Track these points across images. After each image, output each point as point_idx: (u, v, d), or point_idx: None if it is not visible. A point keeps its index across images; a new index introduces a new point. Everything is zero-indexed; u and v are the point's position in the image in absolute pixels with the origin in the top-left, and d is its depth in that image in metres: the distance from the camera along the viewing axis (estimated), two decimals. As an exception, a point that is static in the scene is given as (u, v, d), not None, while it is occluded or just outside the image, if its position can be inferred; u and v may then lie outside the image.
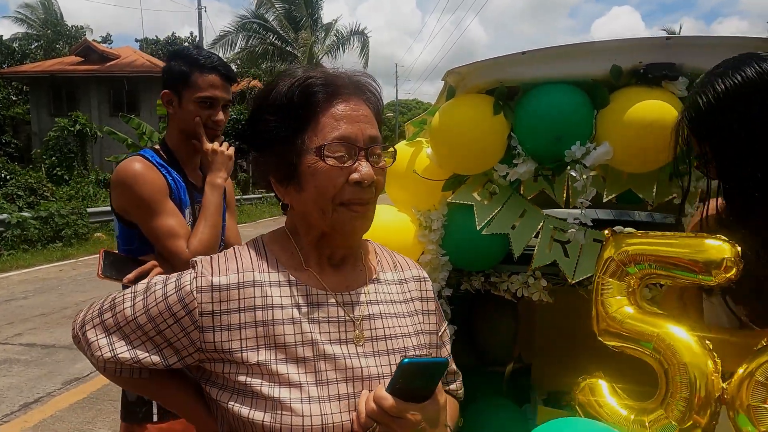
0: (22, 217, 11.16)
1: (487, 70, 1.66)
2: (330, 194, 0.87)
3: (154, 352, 0.90)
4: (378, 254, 1.06)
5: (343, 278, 0.96)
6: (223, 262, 0.92)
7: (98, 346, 0.93)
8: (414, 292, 1.05)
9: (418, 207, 1.90)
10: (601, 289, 1.06)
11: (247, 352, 0.86)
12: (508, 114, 1.66)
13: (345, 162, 0.87)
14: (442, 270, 1.88)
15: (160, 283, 0.92)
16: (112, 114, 25.02)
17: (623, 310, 1.03)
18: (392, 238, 1.83)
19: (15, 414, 3.94)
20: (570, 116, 1.57)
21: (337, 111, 0.88)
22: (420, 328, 1.01)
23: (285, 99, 0.88)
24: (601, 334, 1.06)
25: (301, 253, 0.95)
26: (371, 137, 0.90)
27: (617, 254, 1.04)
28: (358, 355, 0.91)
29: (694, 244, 0.99)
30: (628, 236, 1.06)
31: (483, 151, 1.70)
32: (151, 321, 0.89)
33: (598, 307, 1.06)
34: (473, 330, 2.37)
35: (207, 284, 0.88)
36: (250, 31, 28.23)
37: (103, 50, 27.79)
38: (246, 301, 0.87)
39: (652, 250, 1.02)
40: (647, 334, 1.00)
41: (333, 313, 0.92)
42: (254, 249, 0.95)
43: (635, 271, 1.03)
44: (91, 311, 0.97)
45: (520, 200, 1.81)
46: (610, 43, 1.54)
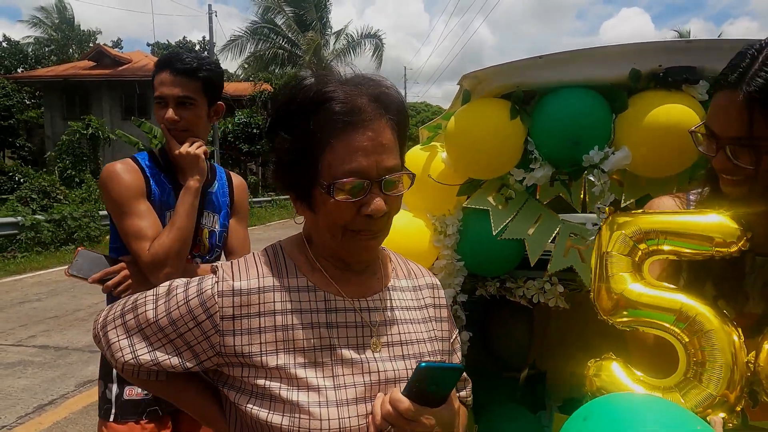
0: (36, 219, 11.28)
1: (504, 74, 1.65)
2: (339, 224, 0.87)
3: (174, 354, 0.90)
4: (393, 261, 1.07)
5: (361, 285, 0.97)
6: (243, 267, 0.92)
7: (119, 347, 0.93)
8: (428, 299, 1.06)
9: (433, 212, 1.89)
10: (608, 266, 1.00)
11: (266, 355, 0.86)
12: (524, 118, 1.65)
13: (357, 195, 0.84)
14: (457, 275, 1.87)
15: (182, 286, 0.93)
16: (123, 117, 25.29)
17: (637, 284, 0.99)
18: (407, 243, 1.83)
19: (29, 416, 3.97)
20: (588, 120, 1.55)
21: (353, 142, 0.83)
22: (434, 334, 1.02)
23: (300, 118, 0.84)
24: (609, 312, 1.00)
25: (320, 263, 0.95)
26: (387, 168, 0.85)
27: (628, 230, 0.99)
28: (376, 360, 0.91)
29: (704, 217, 0.98)
30: (631, 213, 1.03)
31: (499, 155, 1.69)
32: (173, 324, 0.90)
33: (608, 284, 1.00)
34: (488, 336, 2.35)
35: (228, 288, 0.88)
36: (260, 35, 28.38)
37: (115, 54, 28.13)
38: (266, 305, 0.88)
39: (665, 224, 0.99)
40: (668, 307, 0.96)
41: (351, 318, 0.92)
42: (273, 255, 0.96)
43: (644, 246, 0.99)
44: (113, 312, 0.97)
45: (537, 205, 1.79)
46: (629, 47, 1.52)
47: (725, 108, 0.94)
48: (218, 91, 1.79)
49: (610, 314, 1.00)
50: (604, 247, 1.01)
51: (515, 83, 1.64)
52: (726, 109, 0.94)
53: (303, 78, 0.88)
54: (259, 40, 28.30)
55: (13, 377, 4.67)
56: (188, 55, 1.71)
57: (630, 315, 0.98)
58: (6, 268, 9.67)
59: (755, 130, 0.90)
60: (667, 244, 0.99)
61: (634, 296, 0.98)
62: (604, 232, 1.02)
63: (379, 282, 0.99)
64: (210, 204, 1.81)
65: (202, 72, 1.68)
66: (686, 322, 0.93)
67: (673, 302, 0.95)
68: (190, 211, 1.64)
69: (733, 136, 0.94)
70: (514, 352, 2.41)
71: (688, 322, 0.93)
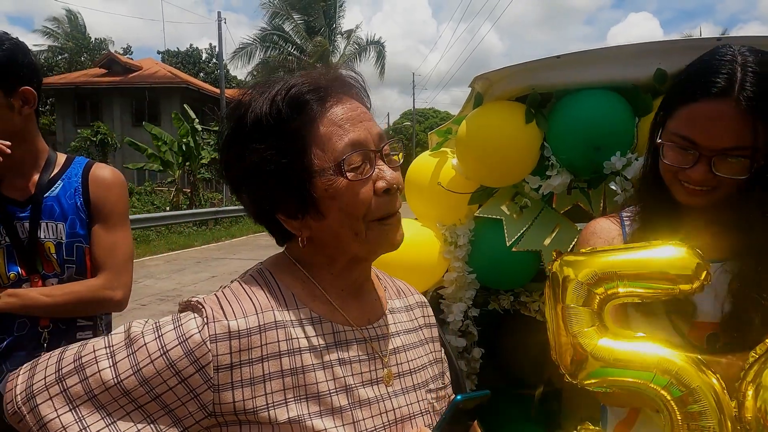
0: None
1: (518, 75, 1.56)
2: (360, 212, 0.76)
3: (145, 424, 0.70)
4: (381, 279, 0.96)
5: (363, 309, 0.87)
6: (234, 301, 0.76)
7: (60, 424, 0.69)
8: (420, 320, 0.97)
9: (442, 221, 1.80)
10: (569, 322, 0.87)
11: (275, 408, 0.72)
12: (540, 122, 1.56)
13: (365, 172, 0.76)
14: (468, 288, 1.78)
15: (150, 332, 0.73)
16: (134, 124, 25.56)
17: (606, 340, 0.87)
18: (415, 254, 1.74)
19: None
20: (609, 124, 1.47)
21: (335, 115, 0.76)
22: (432, 357, 0.95)
23: (271, 119, 0.75)
24: (578, 375, 0.87)
25: (321, 287, 0.83)
26: (379, 134, 0.79)
27: (583, 276, 0.88)
28: (389, 396, 0.82)
29: (659, 251, 0.88)
30: (581, 254, 0.91)
31: (513, 162, 1.60)
32: (144, 384, 0.70)
33: (575, 342, 0.87)
34: (501, 352, 2.26)
35: (223, 330, 0.72)
36: (269, 42, 28.59)
37: (126, 62, 28.45)
38: (269, 346, 0.74)
39: (620, 264, 0.89)
40: (647, 362, 0.85)
41: (362, 350, 0.82)
42: (265, 283, 0.81)
43: (601, 291, 0.88)
44: (41, 376, 0.73)
45: (553, 214, 1.71)
46: (655, 45, 1.43)
47: (716, 119, 0.91)
48: (20, 73, 1.40)
49: (580, 377, 0.87)
50: (560, 299, 0.88)
51: (530, 85, 1.55)
52: (717, 120, 0.91)
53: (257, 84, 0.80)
54: (268, 48, 28.51)
55: (16, 386, 4.63)
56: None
57: (602, 375, 0.86)
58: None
59: (757, 140, 0.90)
60: (625, 286, 0.88)
61: (605, 354, 0.85)
62: (555, 279, 0.90)
63: (378, 305, 0.89)
64: (48, 212, 1.48)
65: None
66: (668, 378, 0.83)
67: (650, 357, 0.84)
68: None
69: (725, 146, 0.91)
70: (528, 369, 2.31)
71: (669, 377, 0.83)
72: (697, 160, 0.94)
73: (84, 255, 1.50)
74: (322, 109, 0.75)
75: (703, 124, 0.93)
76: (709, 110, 0.92)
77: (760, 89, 0.89)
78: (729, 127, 0.90)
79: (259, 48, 28.58)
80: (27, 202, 1.47)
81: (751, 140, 0.90)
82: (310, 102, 0.75)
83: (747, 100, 0.89)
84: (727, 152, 0.91)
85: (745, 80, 0.90)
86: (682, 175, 0.97)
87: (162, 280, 9.28)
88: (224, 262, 11.39)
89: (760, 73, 0.91)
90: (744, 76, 0.90)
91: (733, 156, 0.92)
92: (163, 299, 7.80)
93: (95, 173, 1.54)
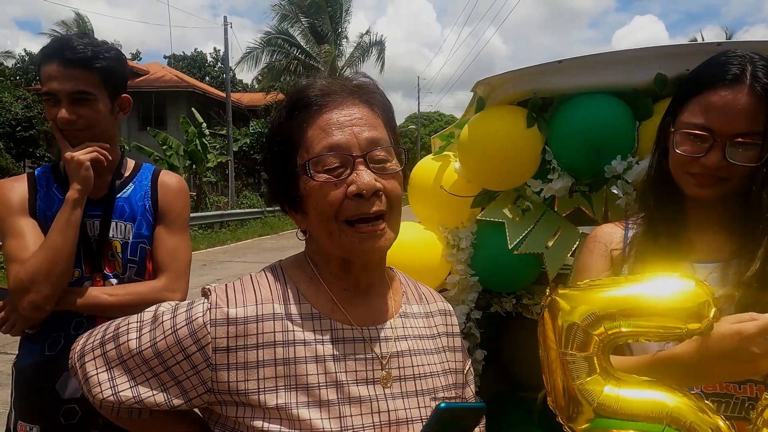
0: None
1: (519, 80, 1.57)
2: (329, 213, 0.79)
3: (159, 390, 0.81)
4: (403, 284, 0.98)
5: (369, 310, 0.88)
6: (239, 291, 0.83)
7: (98, 381, 0.83)
8: (440, 327, 0.97)
9: (445, 224, 1.81)
10: (570, 371, 0.79)
11: (264, 393, 0.77)
12: (542, 126, 1.57)
13: (341, 175, 0.79)
14: (470, 291, 1.79)
15: (168, 312, 0.84)
16: (140, 128, 25.70)
17: (611, 388, 0.79)
18: (418, 257, 1.75)
19: None
20: (610, 128, 1.47)
21: (325, 120, 0.81)
22: (447, 366, 0.94)
23: (277, 123, 0.84)
24: (578, 425, 0.80)
25: (326, 285, 0.87)
26: (369, 140, 0.80)
27: (581, 318, 0.79)
28: (386, 398, 0.83)
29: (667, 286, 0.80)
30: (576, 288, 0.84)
31: (515, 165, 1.61)
32: (158, 356, 0.81)
33: (573, 393, 0.79)
34: (503, 354, 2.26)
35: (222, 316, 0.79)
36: (274, 46, 28.70)
37: (133, 66, 28.62)
38: (265, 336, 0.79)
39: (621, 301, 0.80)
40: (656, 415, 0.77)
41: (359, 350, 0.84)
42: (273, 277, 0.87)
43: (600, 332, 0.79)
44: (92, 339, 0.88)
45: (555, 217, 1.71)
46: (655, 50, 1.44)
47: (730, 104, 0.95)
48: (122, 81, 1.55)
49: (580, 427, 0.80)
50: (555, 343, 0.81)
51: (532, 89, 1.56)
52: (731, 105, 0.95)
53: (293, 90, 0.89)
54: (274, 51, 28.62)
55: None
56: (81, 41, 1.43)
57: (606, 426, 0.79)
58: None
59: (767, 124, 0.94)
60: (630, 325, 0.80)
61: (611, 405, 0.78)
62: (548, 321, 0.82)
63: (388, 307, 0.91)
64: (119, 212, 1.53)
65: (99, 61, 1.43)
66: (680, 430, 0.76)
67: (659, 408, 0.78)
68: (65, 227, 1.38)
69: (739, 131, 0.95)
70: (531, 372, 2.30)
71: (683, 430, 0.76)
72: (710, 147, 0.97)
73: (146, 256, 1.54)
74: (318, 113, 0.81)
75: (717, 109, 0.97)
76: (723, 96, 0.96)
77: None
78: (742, 112, 0.94)
79: (265, 52, 28.68)
80: (99, 202, 1.52)
81: (763, 125, 0.94)
82: (307, 107, 0.81)
83: (760, 85, 0.94)
84: (740, 137, 0.95)
85: (756, 70, 0.95)
86: (695, 166, 1.00)
87: (168, 282, 9.32)
88: (229, 265, 11.42)
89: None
90: (754, 67, 0.96)
91: (745, 144, 0.95)
92: (168, 302, 7.84)
93: (164, 179, 1.62)
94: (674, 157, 1.03)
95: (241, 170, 25.79)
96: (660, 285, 0.81)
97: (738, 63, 0.98)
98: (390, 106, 0.89)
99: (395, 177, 0.82)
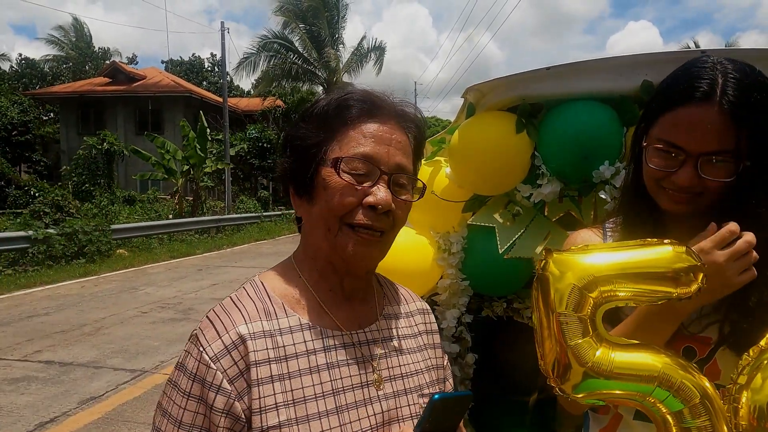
0: (47, 233, 11.36)
1: (509, 86, 1.59)
2: (339, 212, 0.81)
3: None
4: (383, 285, 1.00)
5: (355, 313, 0.89)
6: (224, 316, 0.81)
7: None
8: (420, 326, 0.99)
9: (436, 229, 1.82)
10: (562, 331, 0.80)
11: (265, 413, 0.76)
12: (531, 132, 1.58)
13: (362, 182, 0.81)
14: (462, 295, 1.80)
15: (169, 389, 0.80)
16: (137, 133, 25.67)
17: (604, 350, 0.80)
18: (409, 261, 1.76)
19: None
20: (598, 134, 1.49)
21: (368, 128, 0.83)
22: (430, 363, 0.96)
23: (321, 110, 0.85)
24: (569, 388, 0.81)
25: (310, 286, 0.87)
26: (398, 165, 0.83)
27: (579, 279, 0.80)
28: (379, 399, 0.84)
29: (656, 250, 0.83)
30: (572, 251, 0.84)
31: (505, 170, 1.63)
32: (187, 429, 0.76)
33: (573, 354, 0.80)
34: (495, 358, 2.26)
35: (220, 348, 0.77)
36: (271, 51, 28.74)
37: (130, 71, 28.65)
38: (259, 354, 0.78)
39: (618, 265, 0.82)
40: (647, 374, 0.79)
41: (351, 354, 0.85)
42: (255, 294, 0.85)
43: (596, 294, 0.81)
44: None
45: (545, 222, 1.73)
46: (640, 57, 1.46)
47: (699, 123, 0.92)
48: None
49: (571, 389, 0.81)
50: (552, 305, 0.81)
51: (521, 95, 1.58)
52: (701, 124, 0.92)
53: (340, 87, 0.91)
54: (271, 57, 28.65)
55: (16, 393, 4.63)
56: None
57: (597, 387, 0.80)
58: (17, 281, 9.71)
59: (740, 143, 0.90)
60: (623, 289, 0.81)
61: (603, 366, 0.79)
62: (544, 282, 0.82)
63: (372, 310, 0.92)
64: None
65: None
66: (668, 393, 0.78)
67: (651, 369, 0.79)
68: None
69: (710, 150, 0.92)
70: (522, 376, 2.31)
71: (671, 391, 0.78)
72: (683, 163, 0.94)
73: None
74: (360, 118, 0.83)
75: (687, 128, 0.93)
76: (692, 115, 0.92)
77: (741, 94, 0.91)
78: (712, 131, 0.91)
79: (262, 57, 28.71)
80: None
81: (734, 143, 0.90)
82: (353, 107, 0.83)
83: (729, 104, 0.90)
84: (711, 155, 0.92)
85: (727, 85, 0.91)
86: (667, 181, 0.97)
87: (163, 287, 9.30)
88: (225, 270, 11.39)
89: (740, 79, 0.92)
90: (725, 81, 0.92)
91: (717, 160, 0.92)
92: (164, 307, 7.81)
93: None
94: (647, 170, 1.00)
95: (238, 175, 25.77)
96: (652, 251, 0.84)
97: (708, 78, 0.93)
98: (423, 139, 0.92)
99: (406, 207, 0.86)
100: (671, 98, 0.97)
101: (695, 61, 0.98)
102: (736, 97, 0.91)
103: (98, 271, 10.91)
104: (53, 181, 22.72)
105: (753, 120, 0.91)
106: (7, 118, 25.74)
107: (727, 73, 0.93)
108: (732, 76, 0.93)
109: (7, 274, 10.28)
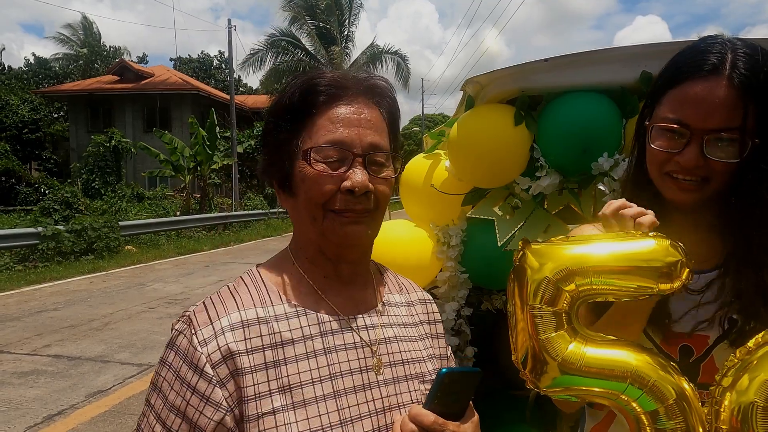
0: (57, 230, 11.48)
1: (507, 78, 1.58)
2: (319, 201, 0.81)
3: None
4: (383, 275, 1.00)
5: (353, 299, 0.89)
6: (219, 303, 0.81)
7: None
8: (422, 315, 0.99)
9: (436, 222, 1.82)
10: (537, 324, 0.78)
11: (259, 399, 0.76)
12: (530, 124, 1.58)
13: (337, 168, 0.81)
14: (461, 288, 1.80)
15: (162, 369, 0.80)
16: (145, 130, 25.83)
17: (577, 346, 0.78)
18: (409, 254, 1.76)
19: (38, 426, 3.96)
20: (597, 126, 1.48)
21: (335, 113, 0.82)
22: (432, 352, 0.96)
23: (287, 101, 0.84)
24: (541, 383, 0.79)
25: (305, 273, 0.87)
26: (372, 144, 0.83)
27: (553, 272, 0.78)
28: (378, 384, 0.84)
29: (639, 243, 0.80)
30: (551, 246, 0.81)
31: (504, 163, 1.62)
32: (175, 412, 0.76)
33: (542, 349, 0.78)
34: (495, 351, 2.26)
35: (210, 333, 0.77)
36: (279, 48, 28.74)
37: (138, 69, 28.81)
38: (253, 341, 0.78)
39: (595, 258, 0.79)
40: (620, 373, 0.76)
41: (349, 339, 0.84)
42: (251, 282, 0.86)
43: (572, 288, 0.78)
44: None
45: (545, 215, 1.72)
46: (639, 48, 1.45)
47: (707, 98, 0.88)
48: None
49: (543, 384, 0.79)
50: (525, 298, 0.79)
51: (520, 88, 1.57)
52: (708, 98, 0.87)
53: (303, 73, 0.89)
54: (278, 53, 28.65)
55: (25, 386, 4.69)
56: None
57: (569, 383, 0.78)
58: (26, 277, 9.82)
59: (747, 119, 0.86)
60: (600, 282, 0.78)
61: (574, 362, 0.77)
62: (519, 273, 0.80)
63: (372, 297, 0.92)
64: None
65: None
66: (641, 391, 0.76)
67: (624, 367, 0.76)
68: None
69: (716, 126, 0.87)
70: (524, 369, 2.31)
71: (643, 390, 0.76)
72: (687, 142, 0.90)
73: None
74: (327, 104, 0.82)
75: (693, 103, 0.89)
76: (699, 89, 0.88)
77: (751, 70, 0.87)
78: (720, 106, 0.87)
79: (270, 54, 28.73)
80: None
81: (741, 120, 0.86)
82: (318, 94, 0.82)
83: (739, 77, 0.86)
84: (718, 132, 0.88)
85: (737, 59, 0.88)
86: (672, 164, 0.92)
87: (170, 283, 9.36)
88: (232, 266, 11.46)
89: (751, 55, 0.89)
90: (735, 56, 0.88)
91: (723, 139, 0.88)
92: (171, 302, 7.87)
93: None
94: (650, 154, 0.97)
95: (245, 172, 25.84)
96: (634, 244, 0.80)
97: (717, 52, 0.89)
98: (397, 112, 0.90)
99: (387, 183, 0.85)
100: (678, 74, 0.93)
101: (704, 39, 0.95)
102: (747, 71, 0.87)
103: (107, 268, 11.01)
104: (63, 178, 22.90)
105: (762, 97, 0.87)
106: (18, 116, 26.00)
107: (737, 49, 0.90)
108: (742, 52, 0.89)
109: (17, 270, 10.40)
